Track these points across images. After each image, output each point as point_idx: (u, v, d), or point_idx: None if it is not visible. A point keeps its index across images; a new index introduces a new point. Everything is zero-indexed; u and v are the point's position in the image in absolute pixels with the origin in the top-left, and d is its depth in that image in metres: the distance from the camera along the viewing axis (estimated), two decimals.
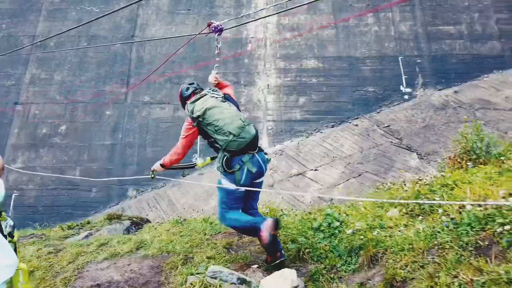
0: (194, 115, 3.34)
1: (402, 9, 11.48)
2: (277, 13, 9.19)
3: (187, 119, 3.49)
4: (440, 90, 10.42)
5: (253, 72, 11.13)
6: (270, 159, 3.86)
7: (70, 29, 5.79)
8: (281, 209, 4.50)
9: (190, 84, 3.79)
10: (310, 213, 4.26)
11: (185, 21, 11.91)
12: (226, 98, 3.56)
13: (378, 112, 10.21)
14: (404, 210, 3.71)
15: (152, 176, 3.71)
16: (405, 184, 5.05)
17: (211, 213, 8.39)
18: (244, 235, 3.88)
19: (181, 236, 3.92)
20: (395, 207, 3.86)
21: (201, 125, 3.35)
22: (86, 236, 4.56)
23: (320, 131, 10.18)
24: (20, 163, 10.77)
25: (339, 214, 3.96)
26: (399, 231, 3.33)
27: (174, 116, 10.92)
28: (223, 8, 11.99)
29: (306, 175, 8.90)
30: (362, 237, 3.40)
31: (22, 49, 11.52)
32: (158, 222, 5.09)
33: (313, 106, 10.59)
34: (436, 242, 2.82)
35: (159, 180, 10.27)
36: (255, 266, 3.32)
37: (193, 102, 3.44)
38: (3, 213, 1.58)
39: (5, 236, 1.61)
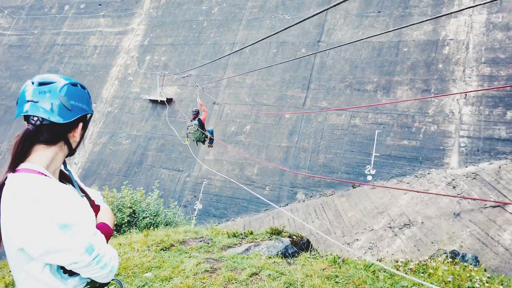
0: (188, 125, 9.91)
1: None
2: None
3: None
4: None
5: (448, 79, 9.64)
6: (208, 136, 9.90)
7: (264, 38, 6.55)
8: (470, 277, 3.36)
9: (194, 111, 9.78)
10: None
11: (373, 24, 11.27)
12: (198, 120, 9.63)
13: None
14: None
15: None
16: None
17: (378, 254, 7.62)
18: None
19: (336, 282, 3.46)
20: None
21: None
22: (246, 250, 4.65)
23: None
24: (212, 155, 12.26)
25: None
26: None
27: (351, 124, 10.46)
28: (418, 8, 10.81)
29: (506, 208, 7.12)
30: None
31: (222, 55, 13.02)
32: (314, 254, 4.74)
33: None
34: None
35: (328, 188, 10.02)
36: None
37: (191, 121, 9.77)
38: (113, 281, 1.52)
39: None
